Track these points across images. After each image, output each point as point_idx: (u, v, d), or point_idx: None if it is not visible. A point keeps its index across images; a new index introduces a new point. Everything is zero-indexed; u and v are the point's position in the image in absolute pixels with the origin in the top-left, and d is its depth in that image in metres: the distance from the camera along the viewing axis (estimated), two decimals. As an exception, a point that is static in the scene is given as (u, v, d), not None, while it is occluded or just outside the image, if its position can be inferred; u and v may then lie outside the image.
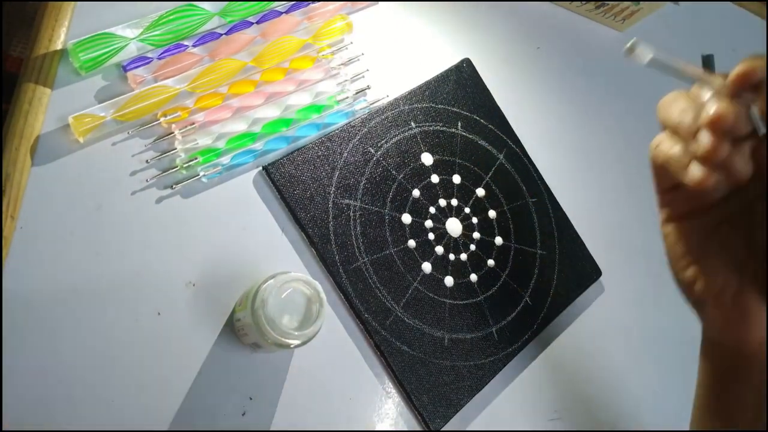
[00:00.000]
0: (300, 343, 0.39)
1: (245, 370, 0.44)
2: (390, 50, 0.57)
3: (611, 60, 0.72)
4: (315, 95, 0.51)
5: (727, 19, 0.86)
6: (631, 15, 0.70)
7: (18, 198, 0.40)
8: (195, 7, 0.48)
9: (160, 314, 0.42)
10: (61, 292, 0.40)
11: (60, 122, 0.43)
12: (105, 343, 0.40)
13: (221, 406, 0.42)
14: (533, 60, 0.66)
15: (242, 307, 0.41)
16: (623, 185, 0.67)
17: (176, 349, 0.42)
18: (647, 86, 0.74)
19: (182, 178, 0.45)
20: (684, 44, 0.79)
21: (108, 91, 0.45)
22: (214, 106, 0.47)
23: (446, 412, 0.48)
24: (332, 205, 0.49)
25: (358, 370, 0.47)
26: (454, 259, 0.53)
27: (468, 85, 0.59)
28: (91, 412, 0.39)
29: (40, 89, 0.43)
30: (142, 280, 0.42)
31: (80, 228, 0.42)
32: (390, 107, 0.54)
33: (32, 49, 0.44)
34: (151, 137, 0.45)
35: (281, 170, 0.48)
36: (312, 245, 0.48)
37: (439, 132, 0.56)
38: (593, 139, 0.67)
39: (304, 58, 0.52)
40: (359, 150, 0.52)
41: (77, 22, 0.45)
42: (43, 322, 0.39)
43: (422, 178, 0.54)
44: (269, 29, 0.51)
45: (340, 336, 0.47)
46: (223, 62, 0.48)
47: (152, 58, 0.46)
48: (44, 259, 0.40)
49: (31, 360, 0.38)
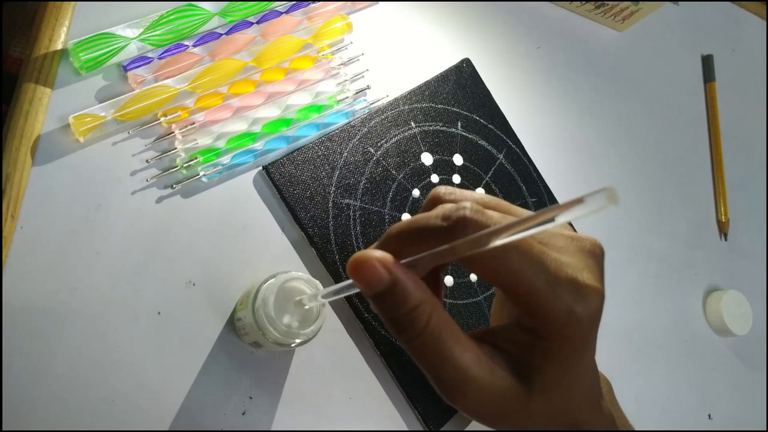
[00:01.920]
0: (300, 343, 0.39)
1: (245, 369, 0.44)
2: (390, 50, 0.57)
3: (611, 60, 0.72)
4: (315, 95, 0.51)
5: (726, 19, 0.86)
6: (630, 15, 0.70)
7: (18, 198, 0.40)
8: (195, 7, 0.48)
9: (160, 314, 0.42)
10: (61, 291, 0.40)
11: (60, 122, 0.43)
12: (105, 342, 0.40)
13: (221, 406, 0.42)
14: (533, 60, 0.66)
15: (243, 307, 0.41)
16: (623, 185, 0.67)
17: (176, 349, 0.42)
18: (647, 86, 0.74)
19: (182, 178, 0.45)
20: (684, 44, 0.80)
21: (108, 91, 0.45)
22: (214, 106, 0.47)
23: (446, 412, 0.48)
24: (332, 204, 0.49)
25: (358, 370, 0.47)
26: (454, 259, 0.53)
27: (468, 85, 0.59)
28: (91, 412, 0.39)
29: (40, 89, 0.43)
30: (142, 279, 0.42)
31: (80, 228, 0.42)
32: (390, 107, 0.54)
33: (32, 49, 0.44)
34: (152, 137, 0.45)
35: (281, 170, 0.48)
36: (312, 245, 0.48)
37: (439, 132, 0.56)
38: (593, 139, 0.67)
39: (304, 58, 0.52)
40: (359, 150, 0.52)
41: (77, 22, 0.45)
42: (43, 322, 0.39)
43: (422, 178, 0.54)
44: (269, 29, 0.51)
45: (340, 336, 0.47)
46: (223, 62, 0.48)
47: (152, 58, 0.46)
48: (44, 258, 0.40)
49: (31, 360, 0.38)
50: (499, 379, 0.26)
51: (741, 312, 0.66)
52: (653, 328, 0.63)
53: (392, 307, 0.25)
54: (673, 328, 0.65)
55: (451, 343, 0.25)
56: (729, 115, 0.78)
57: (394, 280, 0.25)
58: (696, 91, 0.78)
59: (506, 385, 0.26)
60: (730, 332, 0.65)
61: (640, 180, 0.69)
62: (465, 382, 0.25)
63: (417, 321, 0.25)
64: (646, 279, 0.65)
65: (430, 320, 0.25)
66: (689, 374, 0.64)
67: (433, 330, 0.25)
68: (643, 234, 0.66)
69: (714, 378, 0.66)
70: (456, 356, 0.25)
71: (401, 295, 0.25)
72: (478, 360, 0.26)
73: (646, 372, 0.61)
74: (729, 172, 0.75)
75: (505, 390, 0.26)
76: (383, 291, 0.25)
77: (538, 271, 0.25)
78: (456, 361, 0.25)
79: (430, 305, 0.26)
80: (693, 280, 0.68)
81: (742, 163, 0.77)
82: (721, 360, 0.67)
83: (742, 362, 0.68)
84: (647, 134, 0.71)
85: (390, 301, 0.25)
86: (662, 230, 0.68)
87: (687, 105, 0.77)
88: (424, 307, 0.25)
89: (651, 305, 0.64)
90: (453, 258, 0.25)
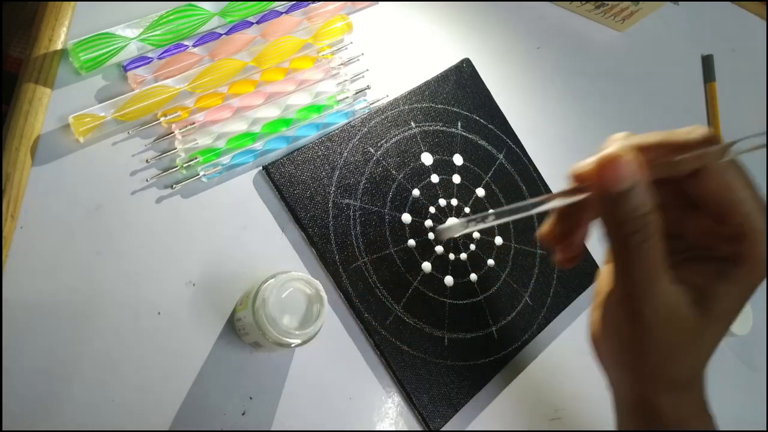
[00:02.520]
0: (300, 343, 0.39)
1: (245, 369, 0.44)
2: (390, 50, 0.57)
3: (611, 60, 0.72)
4: (315, 95, 0.51)
5: (726, 19, 0.86)
6: (630, 15, 0.70)
7: (18, 198, 0.40)
8: (195, 7, 0.48)
9: (160, 314, 0.42)
10: (61, 291, 0.40)
11: (60, 122, 0.43)
12: (105, 342, 0.40)
13: (221, 406, 0.42)
14: (533, 60, 0.66)
15: (243, 307, 0.41)
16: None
17: (176, 349, 0.42)
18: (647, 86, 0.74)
19: (182, 178, 0.45)
20: (684, 44, 0.80)
21: (108, 91, 0.45)
22: (214, 106, 0.47)
23: (446, 412, 0.48)
24: (332, 204, 0.49)
25: (358, 370, 0.47)
26: (454, 259, 0.53)
27: (468, 85, 0.59)
28: (91, 412, 0.39)
29: (40, 89, 0.43)
30: (142, 279, 0.42)
31: (80, 228, 0.42)
32: (390, 107, 0.54)
33: (32, 49, 0.44)
34: (151, 137, 0.45)
35: (281, 170, 0.48)
36: (312, 245, 0.48)
37: (439, 132, 0.56)
38: (593, 138, 0.67)
39: (304, 58, 0.52)
40: (359, 150, 0.52)
41: (77, 22, 0.45)
42: (43, 321, 0.39)
43: (422, 178, 0.54)
44: (269, 29, 0.51)
45: (341, 336, 0.47)
46: (223, 62, 0.48)
47: (152, 58, 0.46)
48: (44, 258, 0.40)
49: (31, 360, 0.38)
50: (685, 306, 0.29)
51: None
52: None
53: (631, 207, 0.27)
54: (673, 328, 0.65)
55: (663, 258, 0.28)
56: (729, 115, 0.78)
57: (640, 179, 0.27)
58: (696, 91, 0.78)
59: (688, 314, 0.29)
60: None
61: (640, 180, 0.69)
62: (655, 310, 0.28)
63: (651, 224, 0.27)
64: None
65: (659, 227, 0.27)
66: (689, 374, 0.64)
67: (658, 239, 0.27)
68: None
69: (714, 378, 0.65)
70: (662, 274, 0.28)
71: (643, 196, 0.27)
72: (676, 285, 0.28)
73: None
74: (729, 172, 0.74)
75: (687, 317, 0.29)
76: (626, 190, 0.26)
77: (751, 195, 0.28)
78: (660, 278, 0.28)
79: (660, 215, 0.27)
80: (693, 280, 0.68)
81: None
82: (721, 360, 0.67)
83: (742, 362, 0.68)
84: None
85: (632, 201, 0.27)
86: (662, 230, 0.68)
87: (687, 105, 0.77)
88: (658, 213, 0.27)
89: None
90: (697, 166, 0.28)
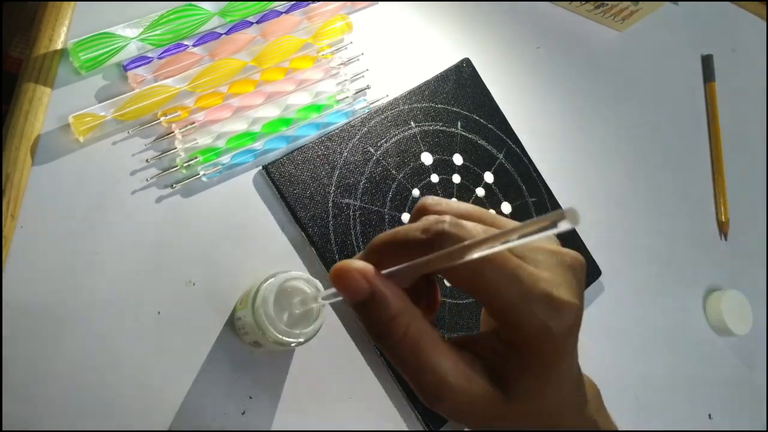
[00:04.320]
0: (300, 342, 0.39)
1: (245, 369, 0.44)
2: (390, 50, 0.57)
3: (611, 60, 0.72)
4: (315, 95, 0.51)
5: (726, 19, 0.86)
6: (630, 15, 0.70)
7: (18, 198, 0.40)
8: (195, 7, 0.48)
9: (160, 314, 0.42)
10: (60, 291, 0.40)
11: (60, 122, 0.43)
12: (105, 342, 0.40)
13: (221, 406, 0.42)
14: (533, 60, 0.66)
15: (243, 306, 0.41)
16: (623, 185, 0.67)
17: (176, 349, 0.42)
18: (647, 86, 0.74)
19: (182, 178, 0.45)
20: (684, 44, 0.80)
21: (108, 91, 0.45)
22: (214, 105, 0.47)
23: (446, 412, 0.48)
24: (332, 204, 0.49)
25: (358, 369, 0.47)
26: (454, 259, 0.53)
27: (468, 84, 0.59)
28: (91, 412, 0.39)
29: (40, 89, 0.43)
30: (142, 279, 0.42)
31: (80, 227, 0.42)
32: (390, 107, 0.54)
33: (32, 49, 0.44)
34: (151, 137, 0.45)
35: (281, 170, 0.48)
36: (312, 244, 0.48)
37: (439, 131, 0.56)
38: (593, 138, 0.67)
39: (304, 58, 0.52)
40: (359, 149, 0.52)
41: (77, 22, 0.45)
42: (43, 321, 0.39)
43: (422, 178, 0.54)
44: (269, 29, 0.51)
45: (341, 335, 0.47)
46: (223, 62, 0.48)
47: (152, 57, 0.46)
48: (44, 258, 0.40)
49: (31, 360, 0.38)
50: (477, 386, 0.27)
51: (741, 312, 0.66)
52: (653, 328, 0.63)
53: (372, 316, 0.26)
54: (673, 328, 0.65)
55: (430, 351, 0.26)
56: (729, 115, 0.78)
57: (373, 290, 0.26)
58: (696, 91, 0.78)
59: (484, 392, 0.27)
60: (730, 332, 0.65)
61: (640, 180, 0.69)
62: (442, 388, 0.26)
63: (395, 330, 0.26)
64: (647, 279, 0.65)
65: (408, 329, 0.26)
66: (689, 374, 0.64)
67: (411, 339, 0.26)
68: (643, 234, 0.66)
69: (714, 378, 0.66)
70: (434, 364, 0.26)
71: (380, 305, 0.26)
72: (455, 367, 0.26)
73: (646, 372, 0.61)
74: (729, 172, 0.74)
75: (483, 396, 0.27)
76: (363, 300, 0.26)
77: (512, 285, 0.26)
78: (434, 369, 0.26)
79: (408, 315, 0.26)
80: (693, 280, 0.68)
81: (742, 163, 0.77)
82: (721, 360, 0.67)
83: (742, 362, 0.68)
84: (647, 134, 0.71)
85: (369, 311, 0.26)
86: (662, 230, 0.68)
87: (687, 105, 0.77)
88: (403, 317, 0.26)
89: (651, 305, 0.64)
90: (429, 270, 0.25)
